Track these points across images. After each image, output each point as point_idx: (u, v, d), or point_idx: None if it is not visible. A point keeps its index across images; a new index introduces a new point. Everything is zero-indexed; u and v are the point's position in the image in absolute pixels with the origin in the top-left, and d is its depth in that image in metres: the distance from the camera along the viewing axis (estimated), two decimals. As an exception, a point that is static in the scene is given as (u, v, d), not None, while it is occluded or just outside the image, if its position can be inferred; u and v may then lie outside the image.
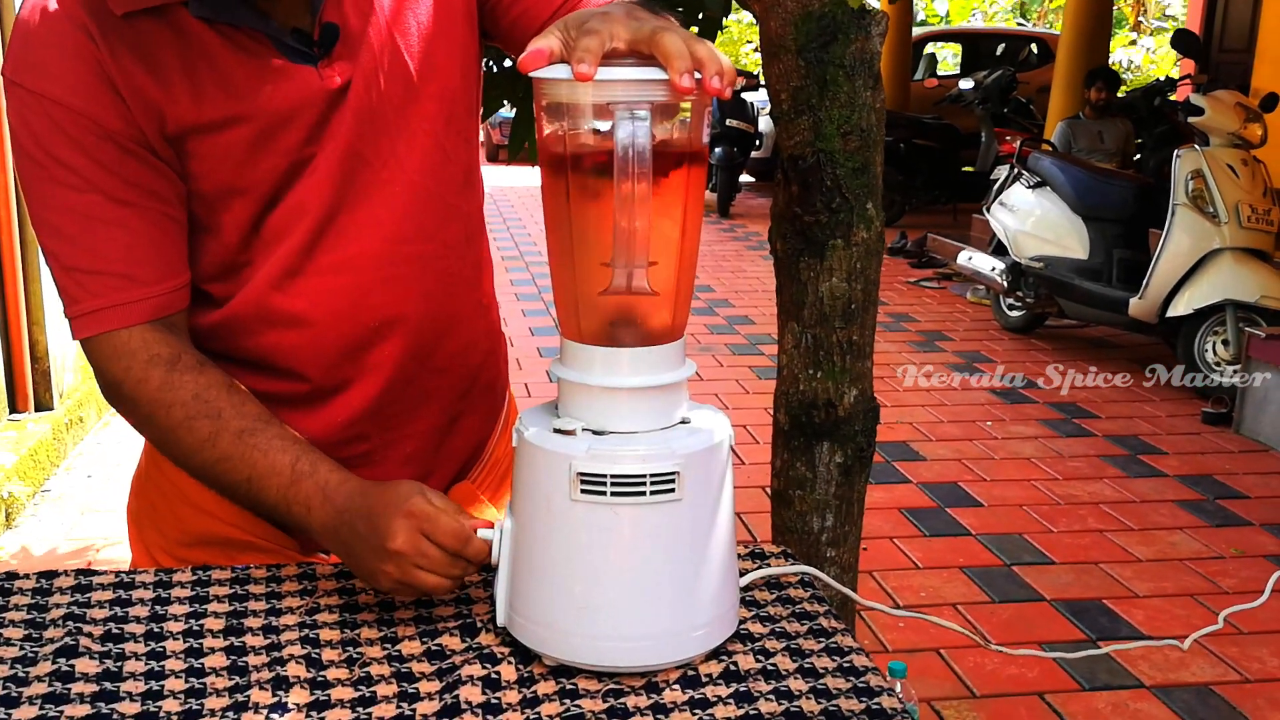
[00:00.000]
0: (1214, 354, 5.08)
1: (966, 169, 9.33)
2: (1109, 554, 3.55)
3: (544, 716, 0.89)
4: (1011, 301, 6.26)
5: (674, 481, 0.91)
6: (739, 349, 6.01)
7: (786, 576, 1.14)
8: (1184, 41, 6.95)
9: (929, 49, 13.48)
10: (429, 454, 1.25)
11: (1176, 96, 7.36)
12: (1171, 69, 16.88)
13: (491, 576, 1.03)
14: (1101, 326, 6.13)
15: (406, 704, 0.91)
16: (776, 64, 1.55)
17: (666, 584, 0.93)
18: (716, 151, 10.41)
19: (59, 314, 1.28)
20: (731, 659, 0.97)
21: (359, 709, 0.90)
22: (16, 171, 1.08)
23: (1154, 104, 7.26)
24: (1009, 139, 7.46)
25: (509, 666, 0.96)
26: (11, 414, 4.22)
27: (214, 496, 1.18)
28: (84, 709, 0.89)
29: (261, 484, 1.05)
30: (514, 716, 0.89)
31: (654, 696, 0.92)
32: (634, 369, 0.93)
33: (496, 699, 0.91)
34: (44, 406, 4.32)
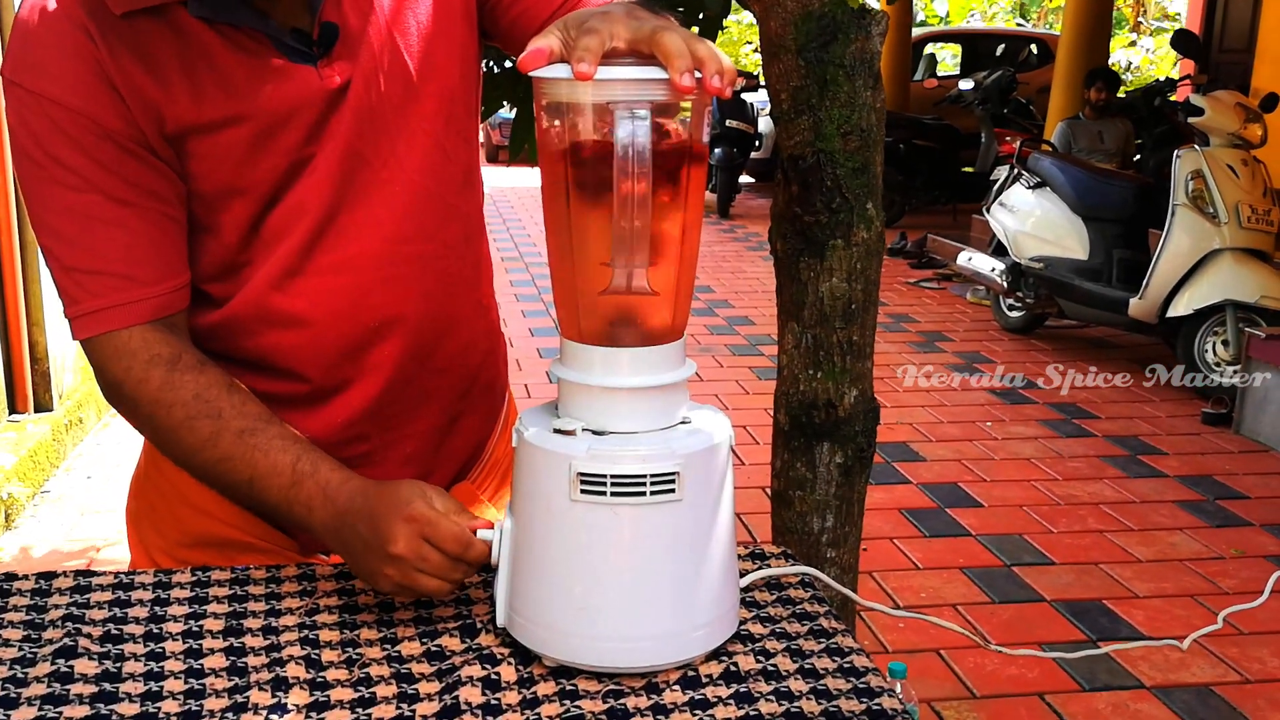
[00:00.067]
0: (1214, 354, 5.08)
1: (966, 169, 9.33)
2: (1109, 554, 3.55)
3: (544, 717, 0.89)
4: (1011, 302, 6.27)
5: (674, 482, 0.91)
6: (739, 349, 6.01)
7: (787, 577, 1.14)
8: (1184, 42, 6.96)
9: (928, 49, 13.48)
10: (429, 454, 1.25)
11: (1176, 97, 7.36)
12: (1171, 69, 16.88)
13: (491, 577, 1.03)
14: (1101, 327, 6.14)
15: (406, 705, 0.91)
16: (776, 64, 1.55)
17: (667, 584, 0.93)
18: (716, 152, 10.42)
19: (58, 315, 1.28)
20: (732, 659, 0.97)
21: (358, 710, 0.90)
22: (16, 172, 1.08)
23: (1154, 104, 7.27)
24: (1009, 139, 7.45)
25: (509, 667, 0.96)
26: (11, 415, 4.22)
27: (213, 497, 1.18)
28: (83, 710, 0.89)
29: (263, 484, 1.05)
30: (514, 717, 0.89)
31: (654, 697, 0.92)
32: (634, 369, 0.93)
33: (496, 700, 0.91)
34: (43, 407, 4.32)
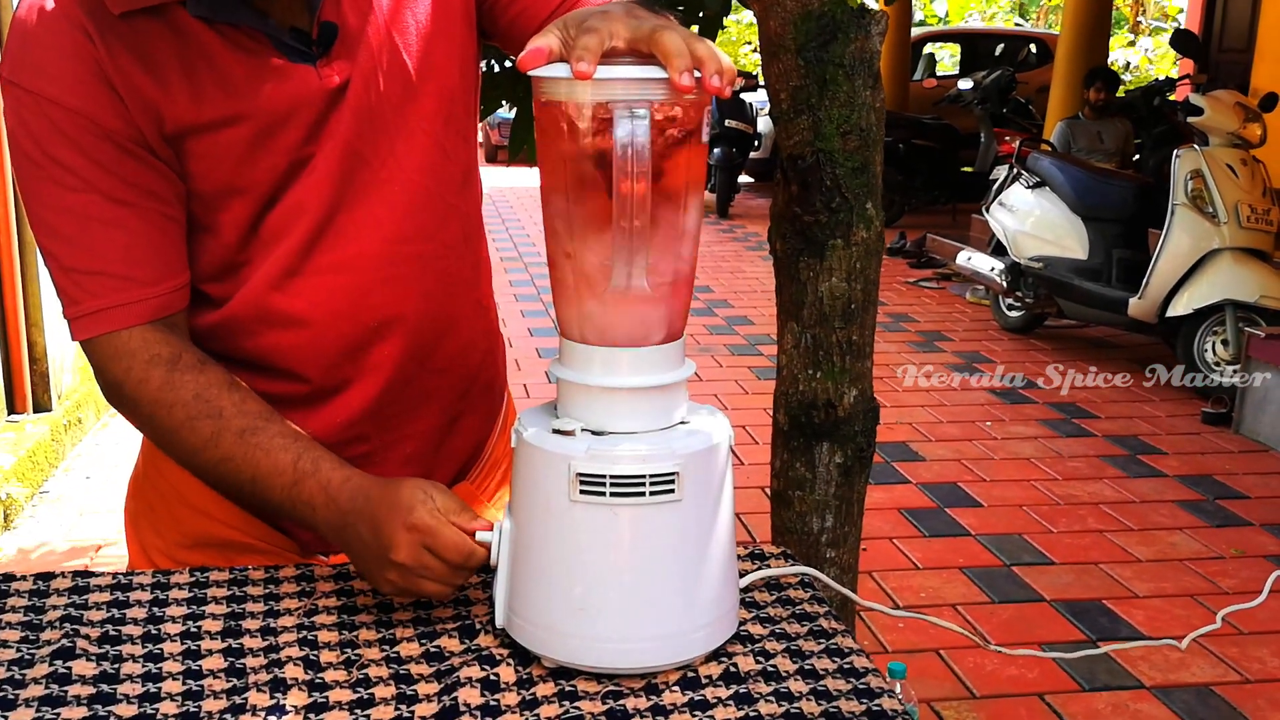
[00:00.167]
0: (1214, 354, 5.08)
1: (966, 169, 9.33)
2: (1109, 554, 3.55)
3: (543, 718, 0.89)
4: (1011, 302, 6.26)
5: (673, 482, 0.91)
6: (738, 349, 6.01)
7: (786, 577, 1.13)
8: (1183, 41, 6.96)
9: (928, 49, 13.48)
10: (429, 454, 1.25)
11: (1176, 96, 7.36)
12: (1170, 69, 16.88)
13: (490, 578, 1.02)
14: (1101, 327, 6.14)
15: (405, 706, 0.90)
16: (776, 63, 1.55)
17: (666, 585, 0.93)
18: (715, 152, 10.42)
19: (57, 315, 1.28)
20: (731, 660, 0.97)
21: (357, 711, 0.90)
22: (14, 172, 1.08)
23: (1153, 104, 7.27)
24: (1008, 139, 7.46)
25: (508, 668, 0.95)
26: (10, 415, 4.22)
27: (213, 498, 1.17)
28: (80, 711, 0.89)
29: (265, 484, 1.05)
30: (513, 718, 0.89)
31: (654, 698, 0.91)
32: (633, 369, 0.93)
33: (495, 701, 0.91)
34: (42, 408, 4.32)
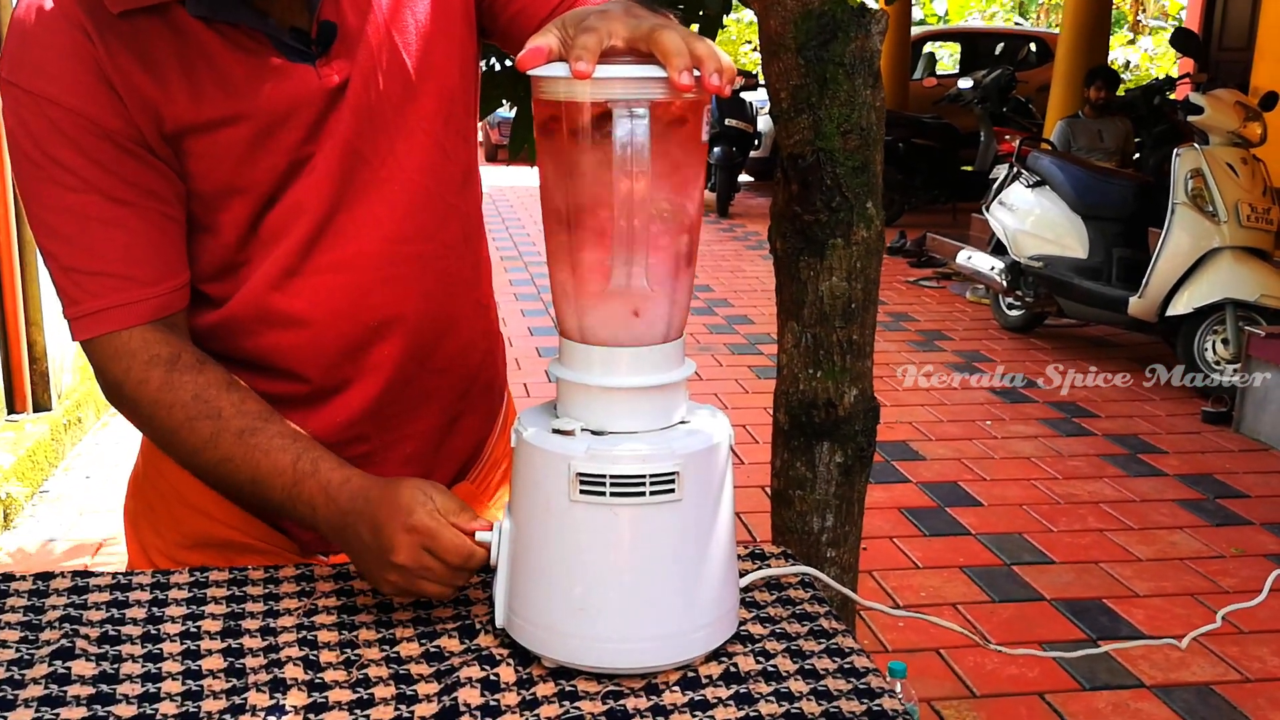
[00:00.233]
0: (1214, 353, 5.08)
1: (966, 168, 9.33)
2: (1109, 553, 3.54)
3: (543, 718, 0.88)
4: (1011, 301, 6.26)
5: (674, 482, 0.91)
6: (738, 348, 6.01)
7: (787, 577, 1.13)
8: (1183, 40, 6.95)
9: (928, 48, 13.48)
10: (428, 455, 1.24)
11: (1176, 95, 7.36)
12: (1170, 68, 16.88)
13: (490, 578, 1.02)
14: (1101, 326, 6.13)
15: (405, 706, 0.90)
16: (776, 62, 1.55)
17: (666, 585, 0.93)
18: (715, 151, 10.42)
19: (57, 315, 1.28)
20: (732, 660, 0.97)
21: (357, 711, 0.89)
22: (14, 172, 1.08)
23: (1153, 103, 7.26)
24: (1008, 138, 7.45)
25: (508, 668, 0.95)
26: (10, 415, 4.22)
27: (212, 498, 1.17)
28: (80, 711, 0.89)
29: (265, 484, 1.05)
30: (513, 718, 0.89)
31: (654, 698, 0.91)
32: (633, 369, 0.93)
33: (495, 701, 0.91)
34: (42, 407, 4.32)
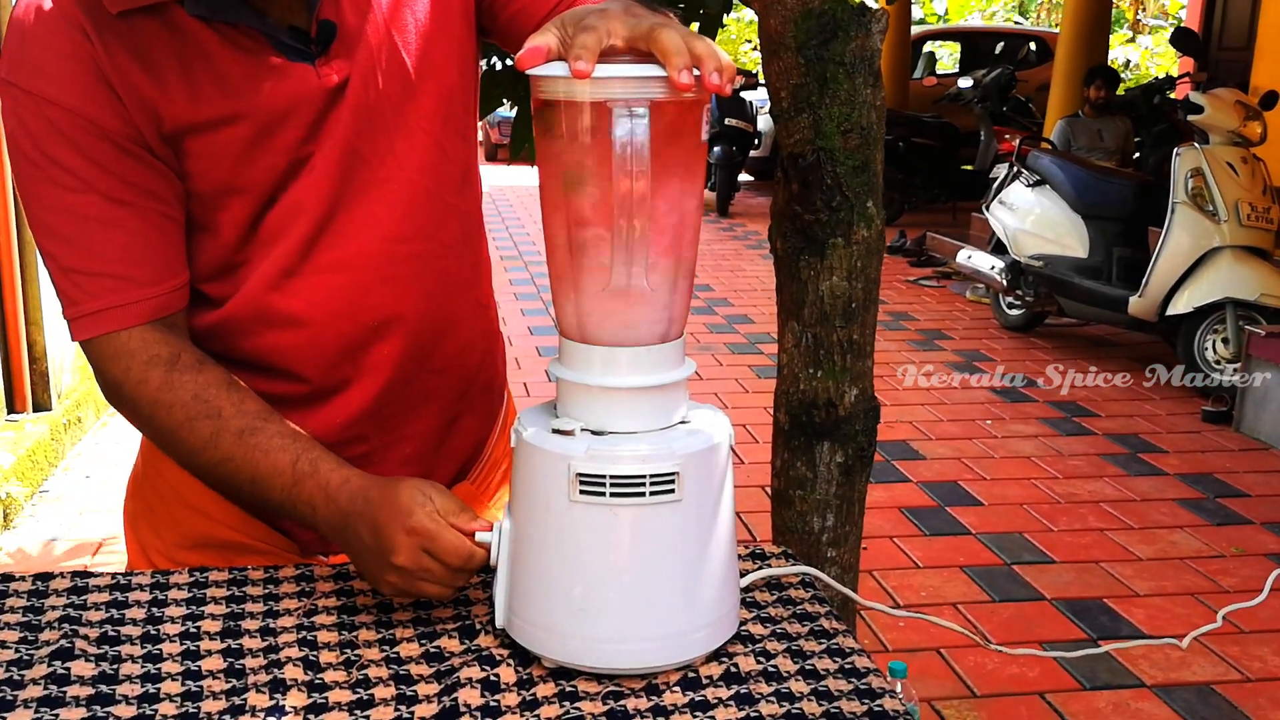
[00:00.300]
0: (1214, 352, 5.08)
1: (966, 167, 9.33)
2: (1109, 553, 3.54)
3: (543, 719, 0.88)
4: (1011, 300, 6.26)
5: (674, 482, 0.91)
6: (738, 348, 6.01)
7: (787, 577, 1.13)
8: (1183, 39, 6.95)
9: (928, 47, 13.48)
10: (428, 455, 1.24)
11: (1176, 94, 7.36)
12: (1171, 66, 16.87)
13: (490, 578, 1.02)
14: (1101, 325, 6.13)
15: (405, 707, 0.90)
16: (776, 62, 1.55)
17: (667, 585, 0.93)
18: (715, 150, 10.41)
19: (57, 315, 1.28)
20: (732, 660, 0.96)
21: (356, 712, 0.89)
22: (13, 172, 1.08)
23: (1153, 102, 7.26)
24: (1008, 137, 7.44)
25: (508, 669, 0.95)
26: (10, 415, 4.22)
27: (212, 498, 1.17)
28: (79, 712, 0.89)
29: (265, 485, 1.05)
30: (513, 719, 0.88)
31: (654, 699, 0.91)
32: (633, 368, 0.93)
33: (495, 701, 0.91)
34: (42, 407, 4.32)
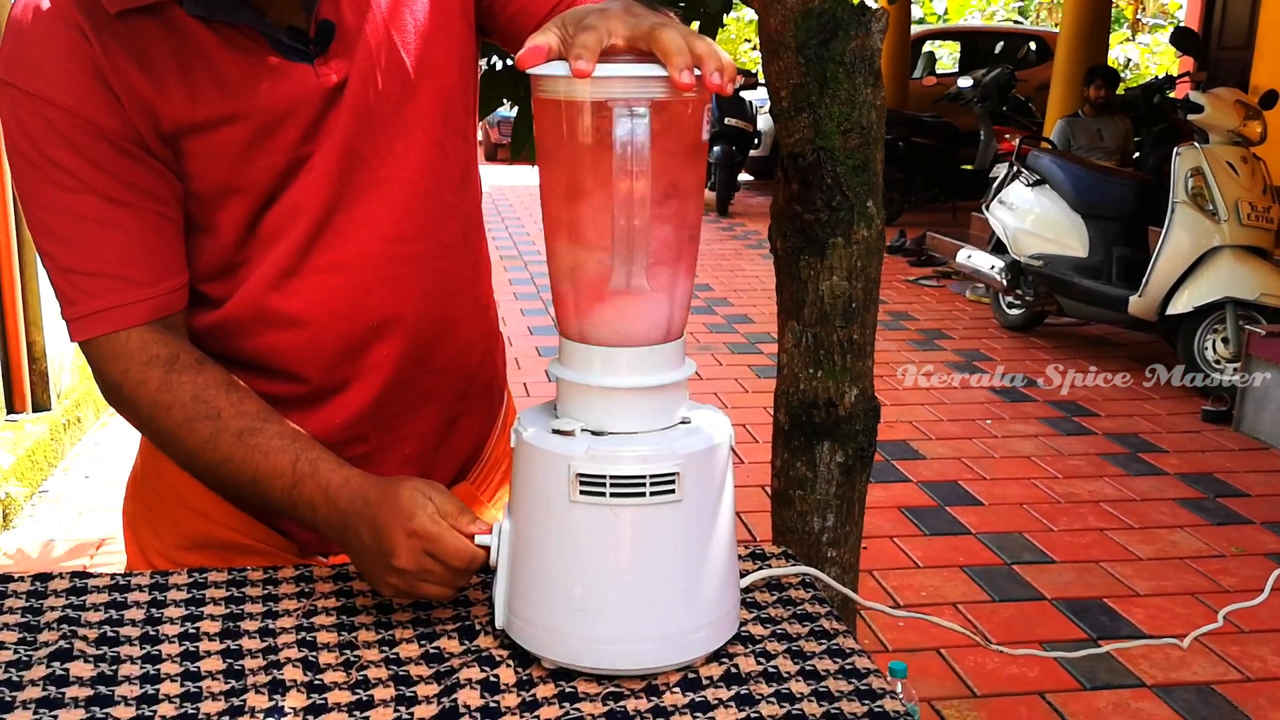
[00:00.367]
0: (1214, 352, 5.08)
1: (965, 167, 9.32)
2: (1109, 552, 3.54)
3: (543, 720, 0.88)
4: (1011, 299, 6.26)
5: (674, 482, 0.91)
6: (738, 348, 6.00)
7: (787, 578, 1.13)
8: (1183, 39, 6.95)
9: (927, 47, 13.48)
10: (428, 455, 1.24)
11: (1175, 94, 7.36)
12: (1171, 65, 16.87)
13: (490, 579, 1.02)
14: (1101, 325, 6.13)
15: (404, 708, 0.90)
16: (776, 61, 1.54)
17: (667, 586, 0.93)
18: (715, 150, 10.41)
19: (56, 314, 1.27)
20: (732, 661, 0.96)
21: (356, 713, 0.89)
22: (11, 173, 1.07)
23: (1153, 101, 7.26)
24: (1008, 137, 7.44)
25: (508, 669, 0.95)
26: (9, 415, 4.21)
27: (211, 499, 1.17)
28: (78, 713, 0.89)
29: (265, 486, 1.05)
30: (513, 720, 0.88)
31: (654, 699, 0.91)
32: (633, 369, 0.93)
33: (495, 702, 0.90)
34: (41, 407, 4.31)
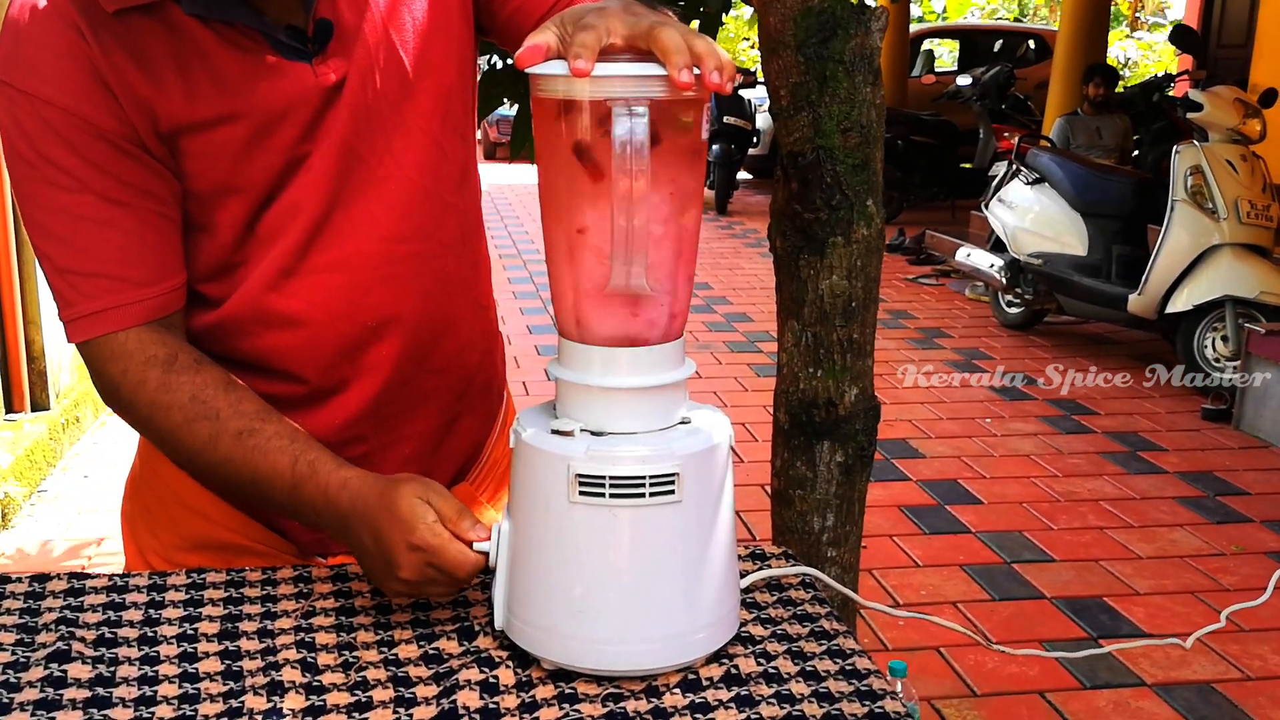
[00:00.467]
0: (1213, 350, 5.08)
1: (965, 165, 9.33)
2: (1109, 551, 3.54)
3: (543, 721, 0.88)
4: (1010, 298, 6.26)
5: (674, 483, 0.90)
6: (737, 346, 6.00)
7: (787, 578, 1.13)
8: (1182, 37, 6.95)
9: (926, 45, 13.49)
10: (427, 456, 1.24)
11: (1174, 92, 7.36)
12: (1170, 64, 16.87)
13: (489, 579, 1.02)
14: (1101, 323, 6.13)
15: (403, 709, 0.90)
16: (775, 60, 1.54)
17: (666, 586, 0.92)
18: (714, 149, 10.42)
19: (55, 314, 1.27)
20: (733, 662, 0.96)
21: (355, 714, 0.89)
22: (9, 173, 1.07)
23: (1152, 100, 7.26)
24: (1007, 135, 7.45)
25: (507, 670, 0.95)
26: (8, 414, 4.21)
27: (210, 499, 1.17)
28: (76, 715, 0.88)
29: (266, 486, 1.05)
30: (512, 721, 0.88)
31: (654, 700, 0.91)
32: (633, 369, 0.92)
33: (494, 703, 0.90)
34: (40, 407, 4.31)
